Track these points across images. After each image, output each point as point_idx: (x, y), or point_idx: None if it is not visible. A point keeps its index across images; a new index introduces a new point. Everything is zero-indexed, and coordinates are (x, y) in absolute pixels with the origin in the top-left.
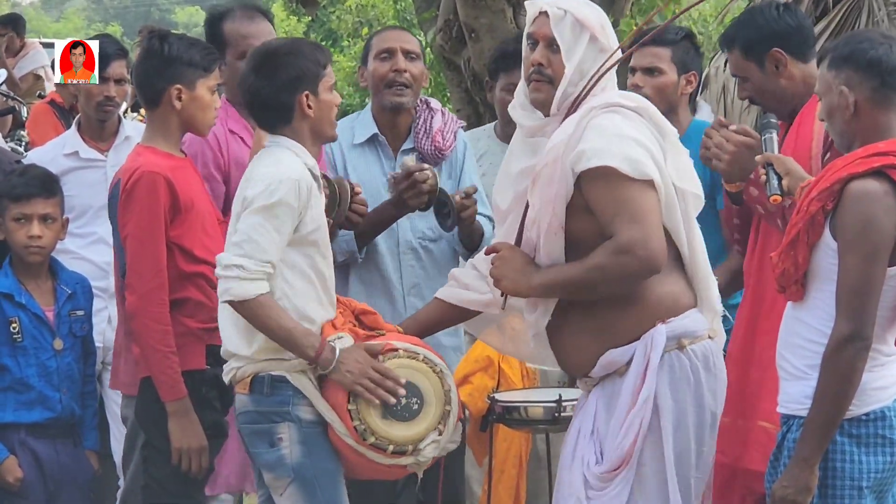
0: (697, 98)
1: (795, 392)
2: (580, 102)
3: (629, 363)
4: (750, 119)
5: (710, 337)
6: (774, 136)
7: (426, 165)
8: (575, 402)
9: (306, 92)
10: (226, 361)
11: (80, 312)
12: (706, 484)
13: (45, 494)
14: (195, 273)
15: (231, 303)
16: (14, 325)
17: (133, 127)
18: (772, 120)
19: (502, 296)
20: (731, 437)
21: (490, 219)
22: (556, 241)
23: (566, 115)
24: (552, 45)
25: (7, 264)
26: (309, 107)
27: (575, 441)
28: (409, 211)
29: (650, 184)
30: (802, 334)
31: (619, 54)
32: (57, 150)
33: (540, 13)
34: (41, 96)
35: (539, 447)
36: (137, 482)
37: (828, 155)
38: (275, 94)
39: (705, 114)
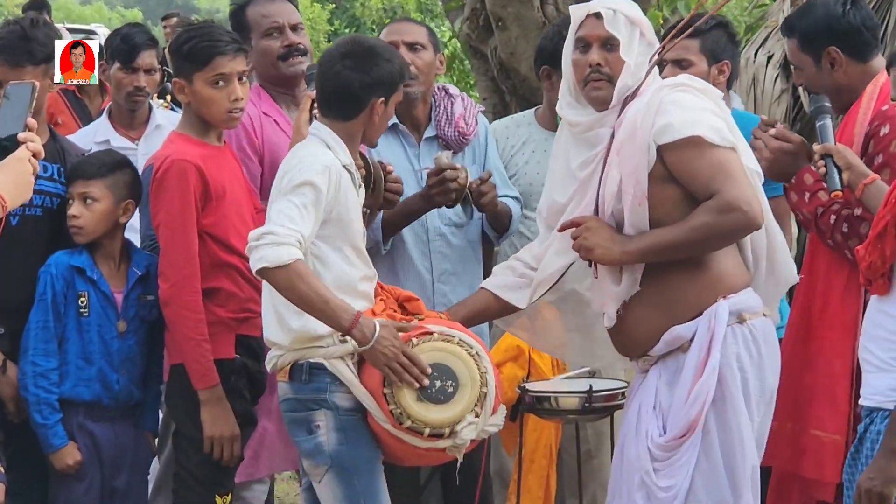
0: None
1: (880, 384)
2: (636, 93)
3: (692, 339)
4: (780, 110)
5: (764, 315)
6: (828, 121)
7: (459, 165)
8: (605, 393)
9: (382, 98)
10: (255, 351)
11: (151, 297)
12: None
13: (102, 477)
14: (228, 263)
15: (265, 273)
16: (83, 299)
17: (164, 115)
18: (825, 104)
19: (591, 265)
20: (783, 441)
21: (517, 199)
22: (641, 211)
23: (623, 106)
24: (606, 44)
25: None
26: (377, 113)
27: (636, 417)
28: (435, 207)
29: (734, 150)
30: (887, 327)
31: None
32: (88, 139)
33: (588, 16)
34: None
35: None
36: (170, 469)
37: (862, 159)
38: (358, 88)
39: (736, 104)
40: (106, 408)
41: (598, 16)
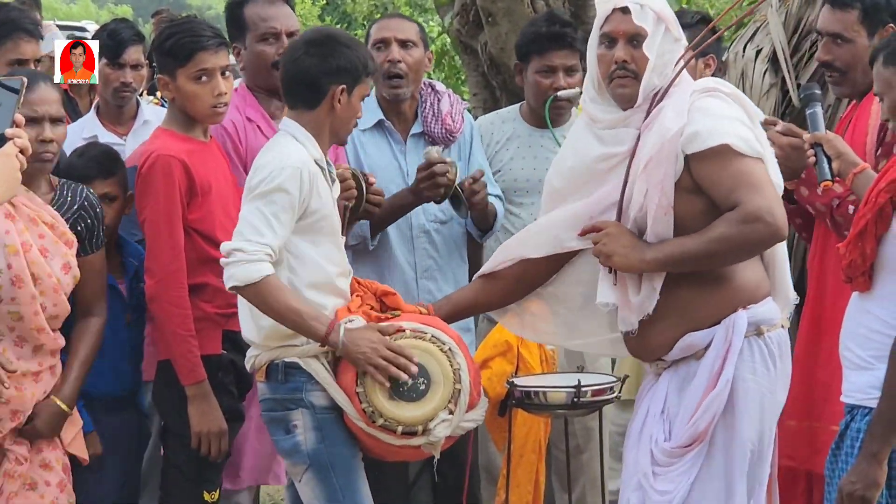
0: None
1: (860, 382)
2: (665, 93)
3: (707, 347)
4: (768, 104)
5: (782, 326)
6: (818, 109)
7: (449, 160)
8: (594, 388)
9: (343, 86)
10: (242, 346)
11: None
12: (771, 476)
13: (112, 468)
14: (214, 258)
15: (237, 289)
16: None
17: (152, 111)
18: (815, 91)
19: (611, 272)
20: (798, 440)
21: (500, 198)
22: (666, 221)
23: (650, 105)
24: (633, 40)
25: None
26: (339, 102)
27: (643, 421)
28: (424, 201)
29: (761, 160)
30: (868, 325)
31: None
32: (76, 135)
33: (614, 11)
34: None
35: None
36: (155, 465)
37: (879, 151)
38: (315, 73)
39: None
40: (118, 399)
41: (624, 10)
